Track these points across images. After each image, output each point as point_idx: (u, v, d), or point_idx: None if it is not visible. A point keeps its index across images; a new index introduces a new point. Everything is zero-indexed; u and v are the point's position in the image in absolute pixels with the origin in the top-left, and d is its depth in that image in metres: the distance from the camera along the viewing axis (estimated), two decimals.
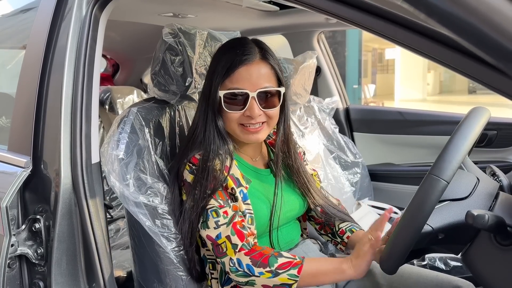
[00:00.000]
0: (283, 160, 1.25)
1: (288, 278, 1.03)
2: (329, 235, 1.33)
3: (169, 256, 1.12)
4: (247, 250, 1.07)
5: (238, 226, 1.07)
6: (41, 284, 1.12)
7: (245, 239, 1.07)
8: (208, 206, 1.08)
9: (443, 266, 1.60)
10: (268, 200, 1.18)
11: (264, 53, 1.15)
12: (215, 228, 1.07)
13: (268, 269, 1.04)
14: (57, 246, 1.09)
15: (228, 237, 1.06)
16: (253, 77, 1.10)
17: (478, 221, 0.76)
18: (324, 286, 1.22)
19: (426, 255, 1.61)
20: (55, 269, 1.09)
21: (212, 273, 1.18)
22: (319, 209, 1.28)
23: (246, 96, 1.10)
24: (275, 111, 1.15)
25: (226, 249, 1.06)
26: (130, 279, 1.53)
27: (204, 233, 1.09)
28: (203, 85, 1.20)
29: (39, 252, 1.11)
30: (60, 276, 1.09)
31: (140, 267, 1.20)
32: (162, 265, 1.13)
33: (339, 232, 1.30)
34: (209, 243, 1.09)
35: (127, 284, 1.56)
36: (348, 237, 1.27)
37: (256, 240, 1.13)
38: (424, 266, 1.60)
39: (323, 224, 1.35)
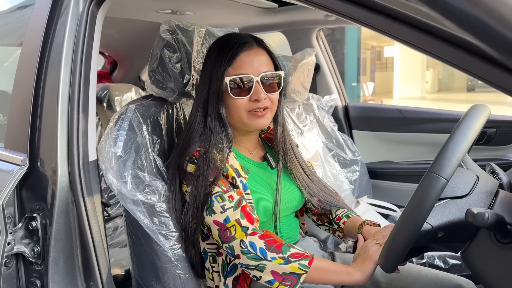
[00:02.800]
0: (282, 150, 1.27)
1: (299, 268, 1.03)
2: (326, 224, 1.36)
3: (167, 254, 1.11)
4: (260, 234, 1.07)
5: (247, 209, 1.09)
6: (38, 282, 1.11)
7: (254, 223, 1.09)
8: (213, 192, 1.09)
9: (442, 264, 1.60)
10: (271, 187, 1.20)
11: (259, 40, 1.20)
12: (221, 212, 1.08)
13: (281, 255, 1.04)
14: (54, 245, 1.08)
15: (237, 220, 1.07)
16: (255, 62, 1.15)
17: (478, 219, 0.75)
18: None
19: (425, 253, 1.61)
20: (52, 268, 1.08)
21: (212, 267, 1.18)
22: (315, 199, 1.29)
23: (250, 81, 1.14)
24: (277, 96, 1.20)
25: (235, 233, 1.06)
26: (128, 277, 1.53)
27: (210, 219, 1.09)
28: (200, 78, 1.21)
29: (35, 250, 1.11)
30: (57, 275, 1.09)
31: (138, 265, 1.20)
32: (160, 263, 1.13)
33: (335, 219, 1.32)
34: (215, 228, 1.08)
35: (125, 283, 1.56)
36: (344, 223, 1.30)
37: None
38: (423, 264, 1.60)
39: (320, 215, 1.37)
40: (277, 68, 1.22)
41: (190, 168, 1.13)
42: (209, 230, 1.12)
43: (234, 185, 1.13)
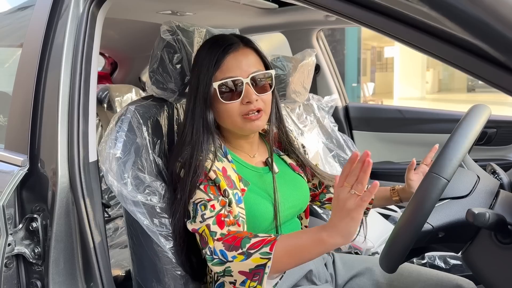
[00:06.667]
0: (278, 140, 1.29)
1: (260, 258, 0.93)
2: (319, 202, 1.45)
3: (167, 255, 1.11)
4: (222, 237, 1.02)
5: (222, 218, 1.04)
6: (38, 283, 1.11)
7: (224, 228, 1.03)
8: (198, 200, 1.06)
9: (442, 265, 1.60)
10: (271, 196, 1.17)
11: (246, 40, 1.17)
12: (201, 222, 1.04)
13: (240, 251, 0.96)
14: (54, 246, 1.08)
15: (208, 226, 1.02)
16: (243, 64, 1.12)
17: (479, 219, 0.75)
18: (323, 284, 1.22)
19: (426, 254, 1.61)
20: (53, 269, 1.08)
21: (210, 274, 1.17)
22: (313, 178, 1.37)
23: (240, 84, 1.11)
24: (269, 96, 1.16)
25: (207, 238, 1.02)
26: (128, 278, 1.53)
27: (190, 226, 1.06)
28: (189, 85, 1.20)
29: (36, 251, 1.11)
30: (57, 276, 1.09)
31: (138, 266, 1.20)
32: (160, 264, 1.12)
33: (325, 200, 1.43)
34: (196, 235, 1.06)
35: (126, 283, 1.56)
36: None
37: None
38: (424, 265, 1.60)
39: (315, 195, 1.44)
40: (267, 67, 1.19)
41: (182, 172, 1.10)
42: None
43: (227, 197, 1.08)
